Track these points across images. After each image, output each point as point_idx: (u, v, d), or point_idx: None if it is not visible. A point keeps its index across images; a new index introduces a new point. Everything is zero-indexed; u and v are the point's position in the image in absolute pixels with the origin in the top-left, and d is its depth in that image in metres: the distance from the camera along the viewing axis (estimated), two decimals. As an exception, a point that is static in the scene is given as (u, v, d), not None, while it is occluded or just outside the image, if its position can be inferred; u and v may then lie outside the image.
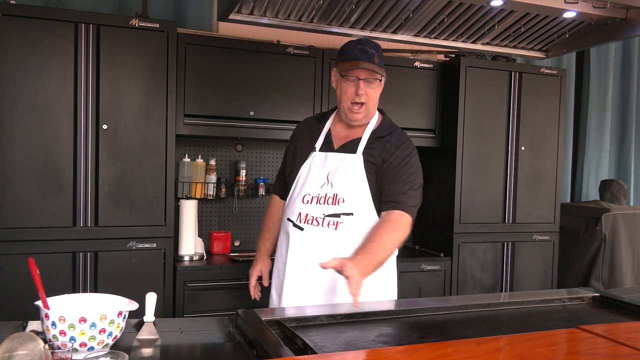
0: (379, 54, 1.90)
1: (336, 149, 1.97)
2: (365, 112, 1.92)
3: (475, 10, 2.56)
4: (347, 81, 1.90)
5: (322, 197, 1.91)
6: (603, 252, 3.76)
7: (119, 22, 2.59)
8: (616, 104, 4.62)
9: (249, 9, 2.52)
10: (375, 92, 1.92)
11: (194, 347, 1.49)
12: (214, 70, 2.89)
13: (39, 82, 2.46)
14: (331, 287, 1.89)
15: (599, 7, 2.18)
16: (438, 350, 1.26)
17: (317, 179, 1.94)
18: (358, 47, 1.89)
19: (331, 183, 1.91)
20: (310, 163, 1.97)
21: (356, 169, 1.91)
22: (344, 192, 1.89)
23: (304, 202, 1.93)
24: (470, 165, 3.29)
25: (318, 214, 1.90)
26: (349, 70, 1.88)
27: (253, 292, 2.14)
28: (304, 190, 1.95)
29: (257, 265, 2.16)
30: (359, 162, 1.91)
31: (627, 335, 1.43)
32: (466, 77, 3.26)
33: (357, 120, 1.94)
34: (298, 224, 1.93)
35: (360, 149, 1.93)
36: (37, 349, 1.13)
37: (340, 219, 1.88)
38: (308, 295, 1.92)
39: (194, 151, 3.21)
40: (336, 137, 2.00)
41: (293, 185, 2.00)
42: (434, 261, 3.23)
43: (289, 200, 2.01)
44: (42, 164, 2.48)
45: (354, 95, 1.89)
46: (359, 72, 1.87)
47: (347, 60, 1.89)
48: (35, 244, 2.48)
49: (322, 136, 2.01)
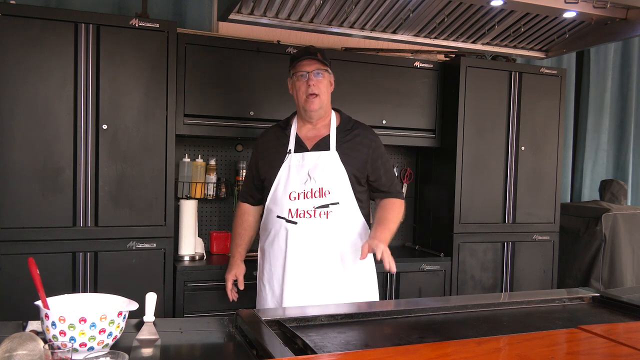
0: (322, 53, 2.17)
1: (310, 148, 2.17)
2: (319, 102, 2.14)
3: (475, 10, 2.56)
4: (298, 79, 2.16)
5: (308, 192, 2.11)
6: (603, 252, 3.76)
7: (119, 22, 2.59)
8: (615, 104, 4.62)
9: (249, 9, 2.52)
10: (324, 85, 2.16)
11: (194, 347, 1.49)
12: (214, 70, 2.89)
13: (39, 82, 2.46)
14: (332, 272, 2.11)
15: (599, 7, 2.18)
16: (438, 350, 1.26)
17: (298, 177, 2.13)
18: (302, 50, 2.21)
19: (314, 179, 2.11)
20: (289, 164, 2.16)
21: (334, 163, 2.13)
22: (328, 185, 2.11)
23: (291, 199, 2.12)
24: (470, 165, 3.29)
25: (308, 207, 2.10)
26: (297, 68, 2.16)
27: (230, 295, 2.37)
28: (288, 188, 2.13)
29: (232, 270, 2.37)
30: (335, 157, 2.14)
31: (627, 335, 1.43)
32: (466, 77, 3.26)
33: (314, 110, 2.15)
34: (290, 219, 2.12)
35: (333, 146, 2.16)
36: (37, 349, 1.13)
37: (329, 208, 2.11)
38: (311, 282, 2.10)
39: (194, 151, 3.21)
40: (305, 138, 2.20)
41: (274, 187, 2.17)
42: (434, 261, 3.23)
43: (274, 200, 2.17)
44: (42, 164, 2.48)
45: (307, 88, 2.13)
46: (305, 66, 2.14)
47: (294, 61, 2.18)
48: (35, 244, 2.48)
49: (292, 139, 2.20)
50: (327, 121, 2.22)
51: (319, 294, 2.08)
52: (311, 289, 2.09)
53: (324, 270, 2.10)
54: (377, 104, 3.19)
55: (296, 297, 2.09)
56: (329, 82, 2.20)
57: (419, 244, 3.63)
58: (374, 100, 3.18)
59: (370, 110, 3.16)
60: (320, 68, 2.15)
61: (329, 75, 2.20)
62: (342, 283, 2.12)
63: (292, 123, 2.25)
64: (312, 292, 2.09)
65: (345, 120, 2.24)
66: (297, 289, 2.10)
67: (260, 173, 2.26)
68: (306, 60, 2.14)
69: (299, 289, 2.10)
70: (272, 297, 2.18)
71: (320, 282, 2.10)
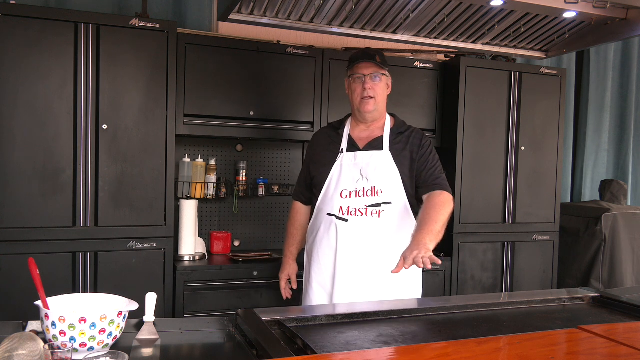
0: (381, 56, 2.18)
1: (362, 148, 2.19)
2: (374, 105, 2.16)
3: (475, 10, 2.56)
4: (355, 81, 2.18)
5: (360, 190, 2.13)
6: (603, 252, 3.76)
7: (119, 22, 2.59)
8: (615, 104, 4.62)
9: (249, 9, 2.52)
10: (380, 88, 2.17)
11: (194, 347, 1.49)
12: (213, 70, 2.89)
13: (39, 82, 2.46)
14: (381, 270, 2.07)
15: (599, 7, 2.18)
16: (438, 350, 1.26)
17: (351, 176, 2.15)
18: (360, 52, 2.20)
19: (366, 177, 2.13)
20: (341, 163, 2.18)
21: (387, 163, 2.15)
22: (381, 184, 2.12)
23: (342, 197, 2.14)
24: (470, 165, 3.29)
25: (360, 206, 2.12)
26: (354, 70, 2.17)
27: (284, 293, 2.40)
28: (340, 186, 2.15)
29: (285, 269, 2.41)
30: (388, 157, 2.15)
31: (627, 335, 1.43)
32: (466, 77, 3.26)
33: (369, 112, 2.16)
34: (341, 216, 2.13)
35: (386, 146, 2.17)
36: (37, 349, 1.13)
37: (381, 207, 2.11)
38: (361, 279, 2.11)
39: (194, 151, 3.21)
40: (358, 139, 2.21)
41: (326, 185, 2.19)
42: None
43: (325, 198, 2.19)
44: (42, 164, 2.48)
45: (362, 90, 2.15)
46: (362, 69, 2.15)
47: (352, 63, 2.19)
48: (35, 244, 2.48)
49: (345, 139, 2.22)
50: (382, 123, 2.23)
51: (368, 291, 2.10)
52: (362, 285, 2.11)
53: (374, 267, 2.10)
54: (377, 104, 3.19)
55: (347, 294, 2.11)
56: (385, 85, 2.21)
57: (419, 244, 3.62)
58: (374, 100, 3.18)
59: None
60: (378, 71, 2.16)
61: (387, 78, 2.21)
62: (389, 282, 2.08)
63: (345, 124, 2.27)
64: (363, 289, 2.10)
65: (399, 124, 2.25)
66: (348, 285, 2.11)
67: (311, 172, 2.29)
68: (364, 62, 2.15)
69: (350, 286, 2.11)
70: (321, 295, 2.19)
71: (370, 279, 2.11)
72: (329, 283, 2.16)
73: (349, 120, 2.28)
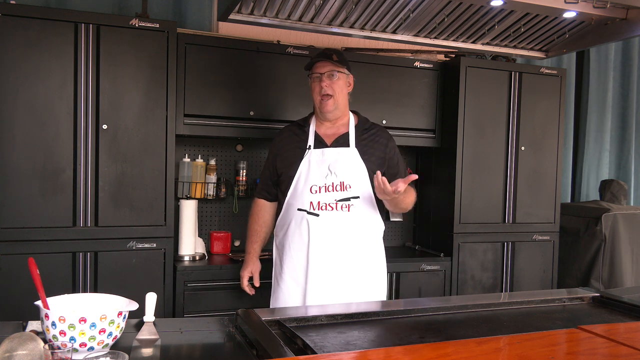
0: (338, 54, 2.25)
1: (329, 145, 2.25)
2: (334, 104, 2.23)
3: (475, 10, 2.56)
4: (314, 80, 2.25)
5: (330, 185, 2.18)
6: (603, 252, 3.76)
7: (119, 22, 2.59)
8: (616, 104, 4.62)
9: (249, 9, 2.52)
10: (339, 86, 2.23)
11: (194, 347, 1.49)
12: (214, 70, 2.89)
13: (39, 82, 2.46)
14: (352, 262, 2.18)
15: (599, 7, 2.18)
16: (438, 350, 1.26)
17: (319, 171, 2.20)
18: (318, 53, 2.28)
19: (335, 173, 2.19)
20: (309, 159, 2.23)
21: (354, 159, 2.22)
22: (349, 179, 2.19)
23: (312, 192, 2.18)
24: (470, 165, 3.29)
25: (330, 200, 2.17)
26: (313, 69, 2.25)
27: (248, 290, 2.44)
28: (309, 182, 2.20)
29: (247, 267, 2.42)
30: (355, 153, 2.23)
31: (627, 335, 1.43)
32: (466, 77, 3.26)
33: (329, 112, 2.23)
34: (312, 211, 2.17)
35: (352, 142, 2.25)
36: (37, 349, 1.13)
37: (350, 202, 2.18)
38: (334, 273, 2.16)
39: (194, 151, 3.21)
40: (324, 135, 2.28)
41: (295, 180, 2.23)
42: (434, 261, 3.23)
43: (294, 194, 2.23)
44: (42, 164, 2.48)
45: (320, 89, 2.22)
46: (319, 68, 2.23)
47: (310, 64, 2.26)
48: (35, 244, 2.48)
49: (312, 136, 2.28)
50: (345, 120, 2.30)
51: (341, 284, 2.15)
52: (334, 278, 2.16)
53: (346, 260, 2.17)
54: (377, 104, 3.19)
55: (320, 288, 2.15)
56: (345, 83, 2.27)
57: (419, 244, 3.63)
58: (374, 100, 3.18)
59: (370, 110, 3.14)
60: (334, 69, 2.22)
61: (346, 77, 2.27)
62: (357, 276, 2.19)
63: (310, 122, 2.33)
64: (335, 282, 2.16)
65: (363, 121, 2.34)
66: (320, 280, 2.16)
67: (277, 169, 2.33)
68: (321, 62, 2.22)
69: (322, 280, 2.16)
70: (294, 291, 2.21)
71: (342, 272, 2.16)
72: (302, 277, 2.20)
73: (313, 118, 2.33)
